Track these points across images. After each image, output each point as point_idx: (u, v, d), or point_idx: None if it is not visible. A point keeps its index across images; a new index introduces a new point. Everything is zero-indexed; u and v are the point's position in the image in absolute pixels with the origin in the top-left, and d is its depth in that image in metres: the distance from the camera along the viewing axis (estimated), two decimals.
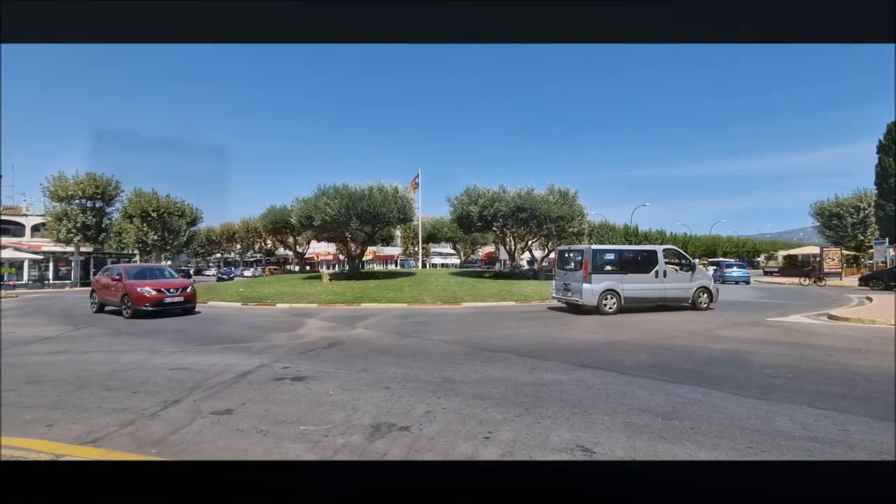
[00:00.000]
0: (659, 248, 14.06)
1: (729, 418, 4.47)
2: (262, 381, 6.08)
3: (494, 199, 23.19)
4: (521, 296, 18.12)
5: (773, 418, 4.48)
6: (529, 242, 28.89)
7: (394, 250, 63.64)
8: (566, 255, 14.51)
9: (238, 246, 64.81)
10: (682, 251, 14.98)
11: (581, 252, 13.63)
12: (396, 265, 63.70)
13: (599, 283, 13.03)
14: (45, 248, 38.95)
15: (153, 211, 39.12)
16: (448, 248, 58.71)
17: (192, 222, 44.40)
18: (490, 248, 54.06)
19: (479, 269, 39.87)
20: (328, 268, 53.22)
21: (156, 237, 39.59)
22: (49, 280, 36.89)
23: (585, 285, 13.01)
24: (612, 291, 13.13)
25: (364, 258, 33.39)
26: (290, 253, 48.46)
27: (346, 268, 32.37)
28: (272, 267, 56.97)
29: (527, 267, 32.32)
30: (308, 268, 47.29)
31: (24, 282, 34.86)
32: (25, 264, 36.34)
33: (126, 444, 3.96)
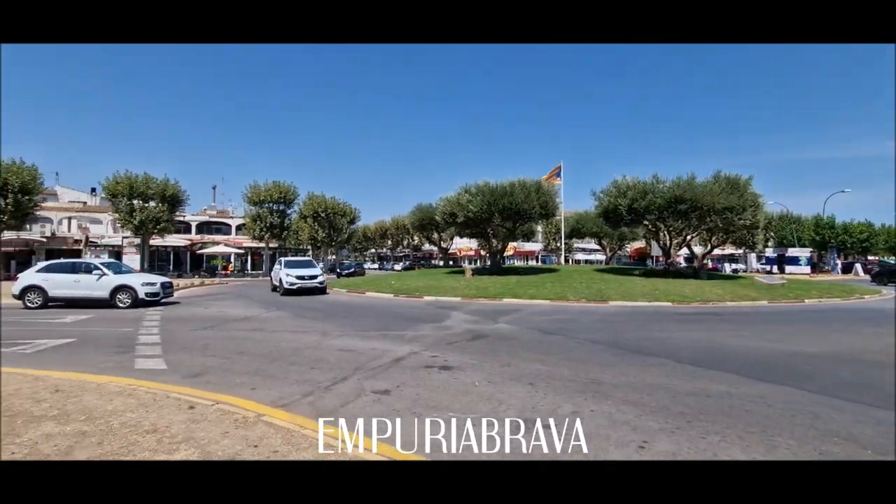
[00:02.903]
0: None
1: None
2: (414, 367, 6.53)
3: (646, 191, 21.27)
4: (678, 296, 16.38)
5: None
6: (688, 237, 25.88)
7: (535, 246, 62.94)
8: None
9: (389, 242, 70.87)
10: None
11: None
12: (537, 261, 62.85)
13: None
14: (245, 244, 47.75)
15: (322, 211, 44.94)
16: (592, 244, 55.86)
17: (352, 221, 49.87)
18: (640, 244, 50.00)
19: (627, 266, 37.14)
20: (470, 263, 54.93)
21: (323, 234, 45.41)
22: (248, 270, 45.12)
23: None
24: None
25: (505, 254, 33.64)
26: (435, 248, 51.31)
27: (488, 263, 33.03)
28: (419, 262, 60.96)
29: (684, 264, 29.02)
30: (451, 263, 49.54)
31: (231, 271, 43.26)
32: (232, 257, 45.09)
33: (306, 411, 4.62)
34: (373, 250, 79.12)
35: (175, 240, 43.52)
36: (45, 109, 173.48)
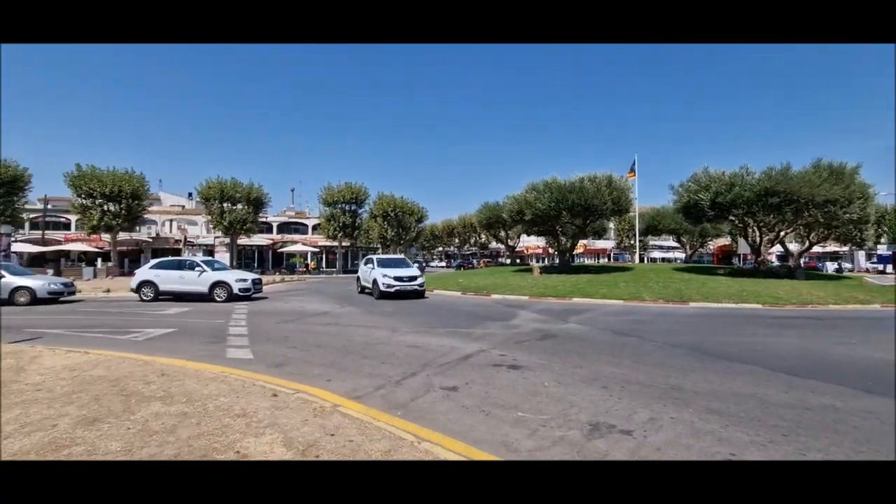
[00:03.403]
0: None
1: None
2: (482, 365, 6.54)
3: (733, 183, 19.63)
4: (769, 297, 14.97)
5: None
6: (781, 233, 23.56)
7: (606, 243, 60.52)
8: None
9: (456, 240, 71.41)
10: None
11: None
12: (609, 259, 60.39)
13: None
14: (320, 243, 50.36)
15: (391, 211, 46.27)
16: (670, 241, 52.68)
17: (420, 219, 50.85)
18: (724, 241, 46.37)
19: (709, 265, 34.55)
20: (537, 261, 53.93)
21: (392, 233, 46.73)
22: (323, 267, 47.56)
23: None
24: None
25: (574, 252, 32.65)
26: (502, 246, 50.93)
27: (556, 261, 32.24)
28: (486, 260, 60.87)
29: (777, 263, 26.45)
30: (518, 261, 48.94)
31: (307, 269, 45.84)
32: (308, 256, 47.77)
33: (379, 404, 4.78)
34: (440, 248, 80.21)
35: (259, 239, 46.90)
36: (148, 119, 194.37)
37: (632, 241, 46.36)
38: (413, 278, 17.02)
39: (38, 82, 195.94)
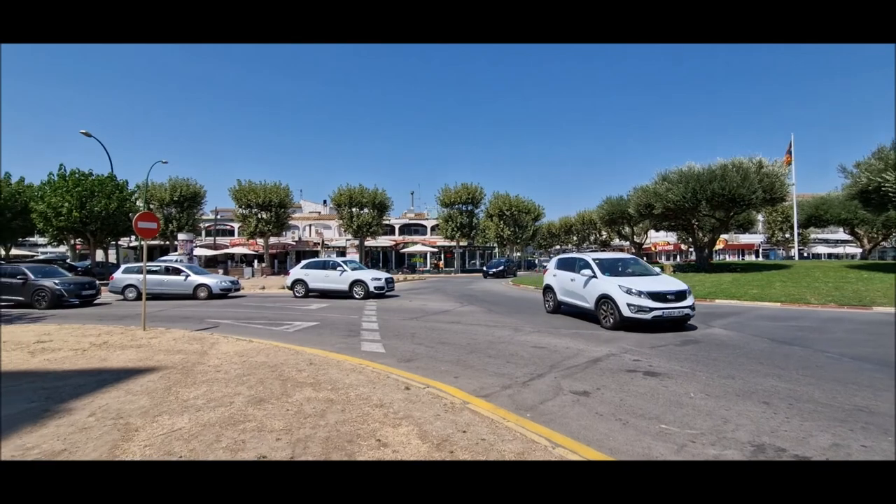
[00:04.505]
0: None
1: None
2: (614, 370, 6.11)
3: None
4: None
5: None
6: None
7: (753, 238, 53.16)
8: None
9: (574, 238, 68.65)
10: None
11: None
12: (757, 256, 52.98)
13: None
14: (438, 243, 52.20)
15: (507, 210, 46.13)
16: (840, 234, 44.42)
17: (536, 218, 49.90)
18: None
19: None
20: (668, 259, 49.42)
21: (509, 232, 46.54)
22: (440, 267, 49.20)
23: None
24: None
25: (714, 248, 29.20)
26: (626, 243, 47.65)
27: (690, 258, 29.13)
28: None
29: None
30: (645, 259, 45.30)
31: (427, 269, 47.87)
32: (427, 256, 49.84)
33: (506, 404, 4.72)
34: (557, 247, 77.88)
35: (383, 240, 50.27)
36: (284, 133, 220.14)
37: (787, 235, 40.02)
38: (681, 295, 9.38)
39: (212, 112, 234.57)
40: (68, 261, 33.55)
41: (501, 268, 35.41)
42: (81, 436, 3.73)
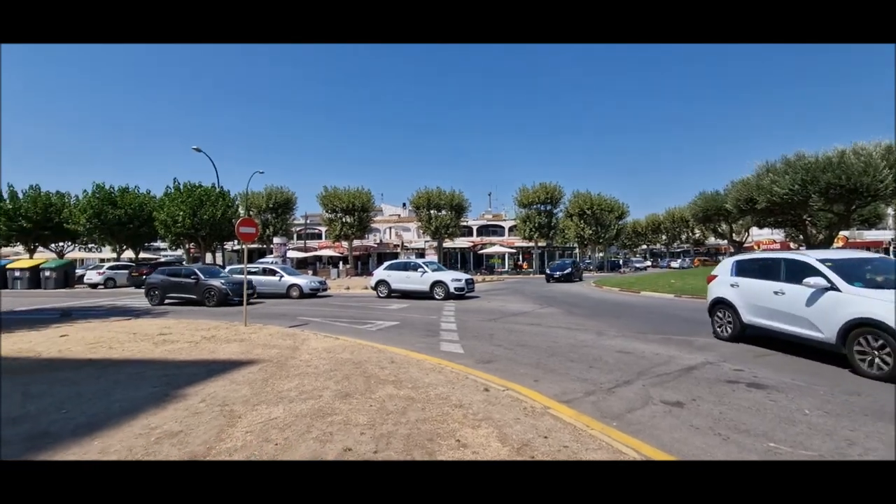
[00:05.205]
0: None
1: None
2: (711, 379, 5.61)
3: None
4: None
5: None
6: None
7: (882, 234, 46.31)
8: None
9: (663, 237, 64.37)
10: None
11: None
12: (886, 254, 45.98)
13: None
14: (516, 244, 51.57)
15: (588, 209, 44.41)
16: None
17: (620, 216, 47.53)
18: None
19: None
20: None
21: (590, 231, 44.78)
22: (523, 268, 48.59)
23: None
24: None
25: (832, 246, 25.83)
26: (722, 242, 43.75)
27: None
28: (702, 257, 53.22)
29: None
30: None
31: (505, 269, 47.51)
32: (505, 257, 49.46)
33: (590, 410, 4.52)
34: (643, 246, 73.51)
35: (461, 242, 50.70)
36: (370, 140, 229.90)
37: None
38: None
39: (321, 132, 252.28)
40: (183, 262, 37.89)
41: (568, 270, 30.30)
42: (194, 420, 4.15)
